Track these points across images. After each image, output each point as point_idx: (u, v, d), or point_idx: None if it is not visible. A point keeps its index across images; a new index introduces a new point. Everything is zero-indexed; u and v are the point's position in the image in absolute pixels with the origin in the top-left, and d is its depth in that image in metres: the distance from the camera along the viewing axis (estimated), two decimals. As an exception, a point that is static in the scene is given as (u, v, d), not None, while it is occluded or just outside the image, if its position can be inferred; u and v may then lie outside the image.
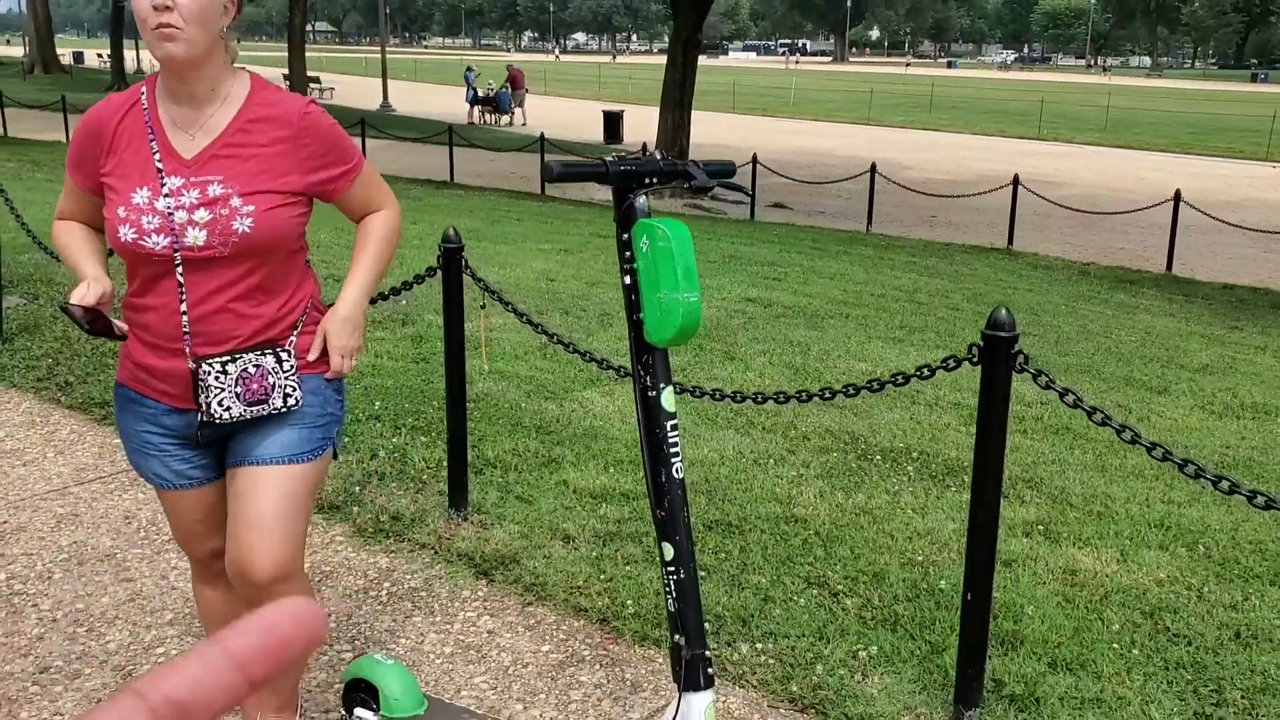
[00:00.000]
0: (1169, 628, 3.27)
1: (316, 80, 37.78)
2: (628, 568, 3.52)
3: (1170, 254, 12.75)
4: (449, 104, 37.36)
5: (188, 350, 2.12)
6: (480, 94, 34.23)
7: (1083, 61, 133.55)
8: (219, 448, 2.28)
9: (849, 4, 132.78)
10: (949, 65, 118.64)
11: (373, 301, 4.28)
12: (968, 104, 47.14)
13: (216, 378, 2.11)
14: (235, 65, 2.16)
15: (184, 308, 2.09)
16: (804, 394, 3.00)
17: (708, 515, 3.95)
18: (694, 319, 2.15)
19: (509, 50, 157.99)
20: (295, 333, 2.22)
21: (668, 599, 2.22)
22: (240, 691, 0.35)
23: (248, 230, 2.07)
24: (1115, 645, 3.13)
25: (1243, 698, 2.88)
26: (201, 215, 2.05)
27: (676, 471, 2.20)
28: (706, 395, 3.20)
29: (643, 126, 25.42)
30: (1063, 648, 3.11)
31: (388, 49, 39.42)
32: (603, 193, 17.79)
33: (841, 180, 16.28)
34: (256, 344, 2.16)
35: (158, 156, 2.07)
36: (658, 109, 19.54)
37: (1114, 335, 7.97)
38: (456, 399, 3.75)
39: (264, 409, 2.16)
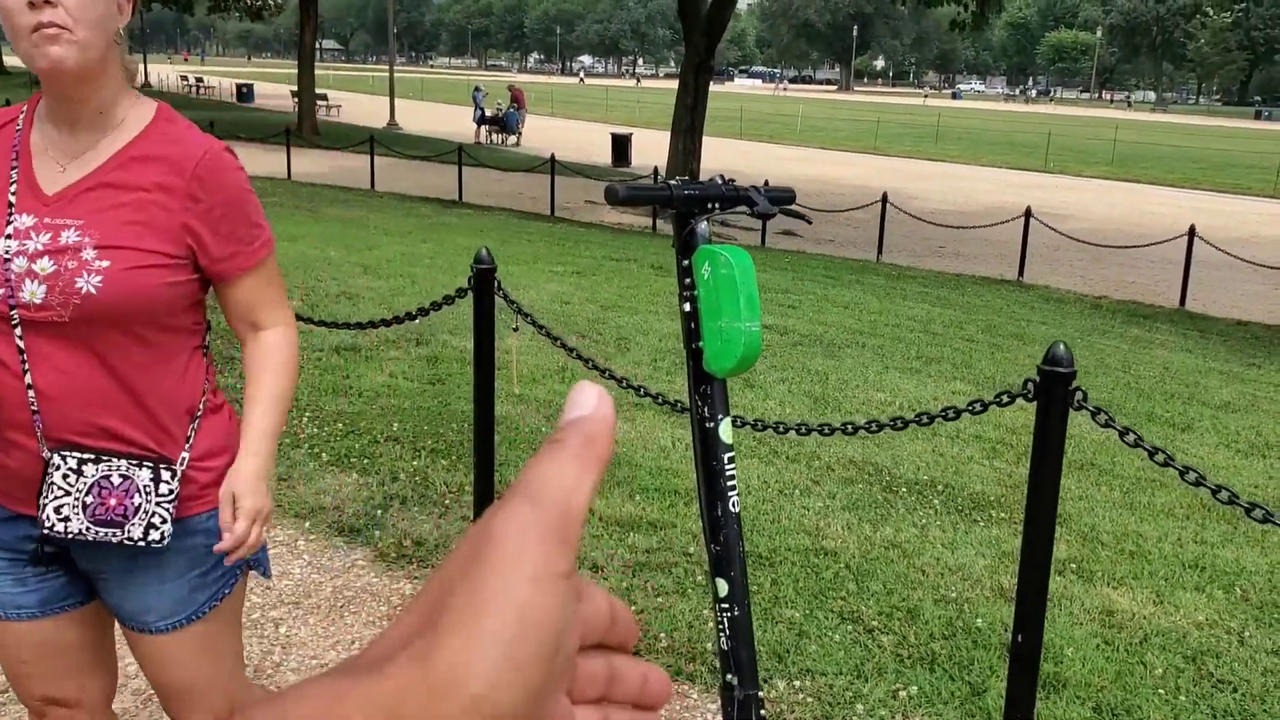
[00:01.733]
0: (1213, 673, 3.19)
1: (324, 98, 37.89)
2: (659, 599, 3.44)
3: (1184, 289, 12.70)
4: (456, 123, 37.47)
5: (39, 434, 1.64)
6: (488, 114, 34.32)
7: (1087, 95, 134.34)
8: (66, 575, 1.78)
9: (855, 33, 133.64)
10: (954, 96, 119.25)
11: (386, 324, 4.21)
12: (973, 135, 47.30)
13: (66, 476, 1.63)
14: (136, 90, 1.73)
15: (28, 380, 1.62)
16: (849, 425, 2.94)
17: (736, 546, 3.88)
18: (755, 348, 2.08)
19: (513, 70, 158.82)
20: (187, 448, 1.73)
21: (720, 636, 2.14)
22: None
23: (93, 291, 1.60)
24: (1160, 691, 3.05)
25: (1295, 748, 2.81)
26: (44, 265, 1.60)
27: (733, 505, 2.13)
28: (771, 428, 3.13)
29: (650, 150, 25.47)
30: (1106, 691, 3.03)
31: (395, 67, 39.59)
32: (616, 215, 17.77)
33: (850, 209, 16.27)
34: (135, 452, 1.68)
35: (13, 188, 1.65)
36: (664, 132, 19.58)
37: (1132, 370, 7.91)
38: (484, 422, 3.69)
39: (115, 534, 1.66)
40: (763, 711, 2.15)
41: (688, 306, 2.12)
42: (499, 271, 3.73)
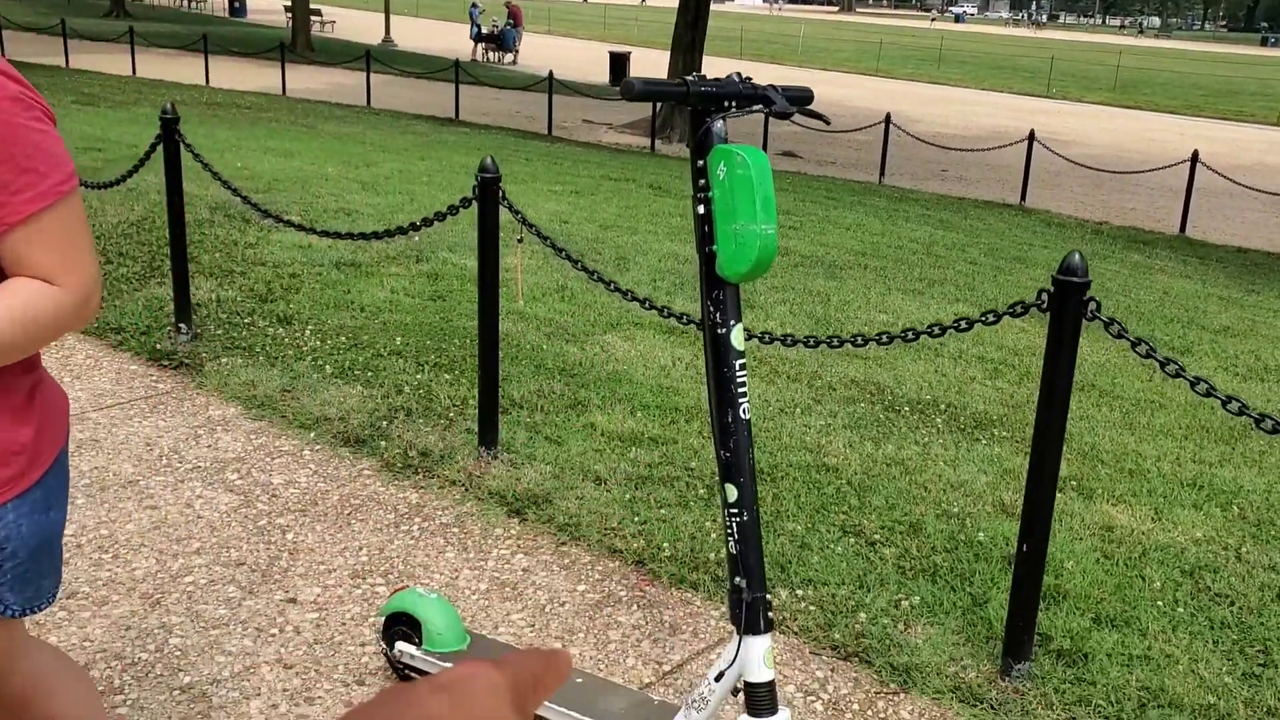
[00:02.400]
0: (1210, 587, 3.23)
1: (318, 13, 37.17)
2: (661, 511, 3.46)
3: (1185, 216, 12.63)
4: (452, 40, 36.80)
5: None
6: (485, 31, 33.72)
7: (1092, 19, 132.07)
8: None
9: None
10: (956, 20, 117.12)
11: (390, 235, 4.16)
12: (976, 59, 46.62)
13: None
14: None
15: None
16: (859, 338, 2.92)
17: (739, 460, 3.89)
18: (770, 252, 2.06)
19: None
20: None
21: (729, 541, 2.16)
22: None
23: None
24: (1159, 603, 3.09)
25: (1290, 659, 2.85)
26: None
27: (743, 412, 2.13)
28: (778, 340, 3.11)
29: (649, 69, 25.07)
30: (1105, 604, 3.06)
31: (391, -17, 38.71)
32: (614, 135, 17.56)
33: (852, 131, 16.06)
34: None
35: None
36: (663, 52, 19.25)
37: (1132, 294, 7.89)
38: (489, 335, 3.67)
39: None
40: (770, 613, 2.17)
41: (701, 209, 2.10)
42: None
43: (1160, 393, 5.28)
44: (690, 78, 2.00)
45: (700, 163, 2.05)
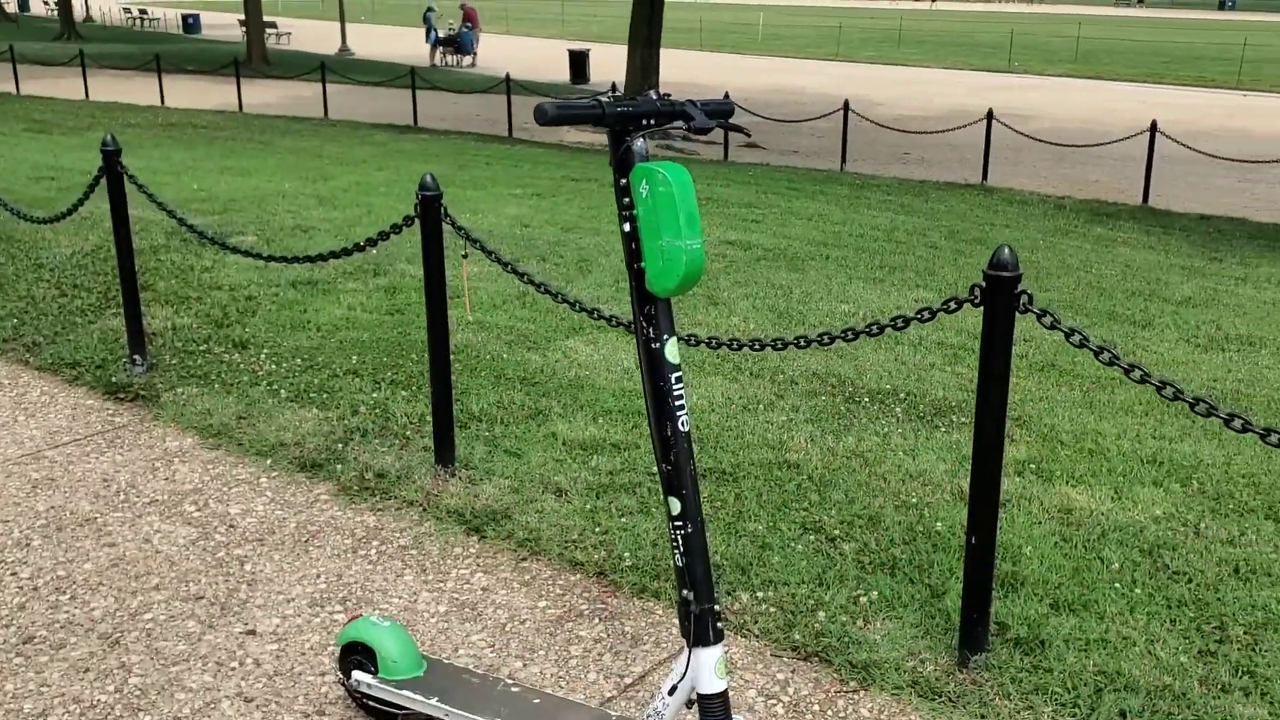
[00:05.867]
0: (1168, 565, 3.25)
1: (273, 25, 36.90)
2: (623, 519, 3.46)
3: (1147, 186, 12.72)
4: (409, 47, 36.62)
5: None
6: (441, 35, 33.58)
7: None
8: None
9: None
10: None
11: (347, 253, 4.14)
12: (937, 37, 46.76)
13: None
14: None
15: None
16: (802, 339, 2.93)
17: (701, 464, 3.90)
18: (697, 267, 2.06)
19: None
20: None
21: (675, 553, 2.16)
22: None
23: None
24: (1116, 585, 3.11)
25: (1245, 633, 2.88)
26: None
27: (682, 425, 2.13)
28: (725, 345, 3.11)
29: (609, 65, 25.04)
30: (1063, 588, 3.08)
31: (347, -9, 38.49)
32: (575, 134, 17.51)
33: (814, 119, 16.10)
34: None
35: None
36: (623, 47, 19.21)
37: (1094, 269, 7.94)
38: (440, 352, 3.66)
39: None
40: (720, 624, 2.17)
41: (627, 226, 2.10)
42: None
43: (1121, 369, 5.31)
44: (604, 98, 1.99)
45: (623, 181, 2.05)
